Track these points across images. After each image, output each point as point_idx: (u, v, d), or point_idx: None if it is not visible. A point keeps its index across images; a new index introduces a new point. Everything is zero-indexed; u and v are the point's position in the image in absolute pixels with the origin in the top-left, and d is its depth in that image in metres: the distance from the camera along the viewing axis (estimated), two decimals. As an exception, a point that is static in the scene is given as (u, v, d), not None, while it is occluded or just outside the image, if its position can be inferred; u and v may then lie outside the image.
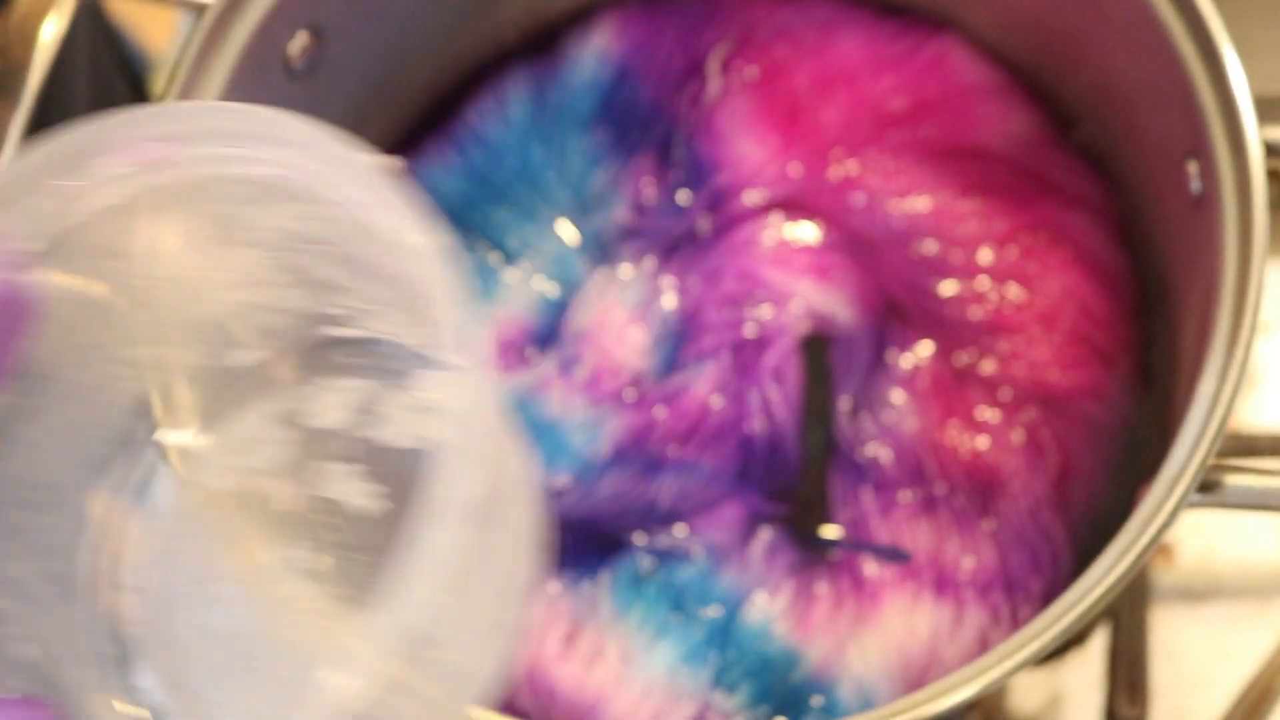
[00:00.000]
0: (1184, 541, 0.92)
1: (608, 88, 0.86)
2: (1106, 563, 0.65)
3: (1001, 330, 0.82)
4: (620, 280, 0.85)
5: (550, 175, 0.86)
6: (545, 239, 0.85)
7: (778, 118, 0.84)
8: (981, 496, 0.81)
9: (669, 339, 0.84)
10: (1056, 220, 0.83)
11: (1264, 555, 0.92)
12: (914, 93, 0.84)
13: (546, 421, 0.83)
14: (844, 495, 0.83)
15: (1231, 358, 0.67)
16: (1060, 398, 0.82)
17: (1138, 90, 0.77)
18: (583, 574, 0.82)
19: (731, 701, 0.79)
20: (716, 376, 0.83)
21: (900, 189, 0.84)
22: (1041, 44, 0.83)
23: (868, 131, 0.84)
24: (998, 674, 0.64)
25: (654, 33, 0.86)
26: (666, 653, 0.79)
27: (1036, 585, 0.80)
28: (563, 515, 0.84)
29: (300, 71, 0.78)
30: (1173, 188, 0.75)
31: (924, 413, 0.82)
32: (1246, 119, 0.69)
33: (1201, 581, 0.92)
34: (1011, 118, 0.85)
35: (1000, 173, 0.84)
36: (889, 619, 0.79)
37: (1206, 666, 0.90)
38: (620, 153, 0.86)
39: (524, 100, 0.86)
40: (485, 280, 0.85)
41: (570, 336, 0.84)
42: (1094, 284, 0.82)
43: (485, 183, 0.86)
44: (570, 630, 0.80)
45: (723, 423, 0.83)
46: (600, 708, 0.79)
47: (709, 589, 0.81)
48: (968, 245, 0.83)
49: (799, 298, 0.83)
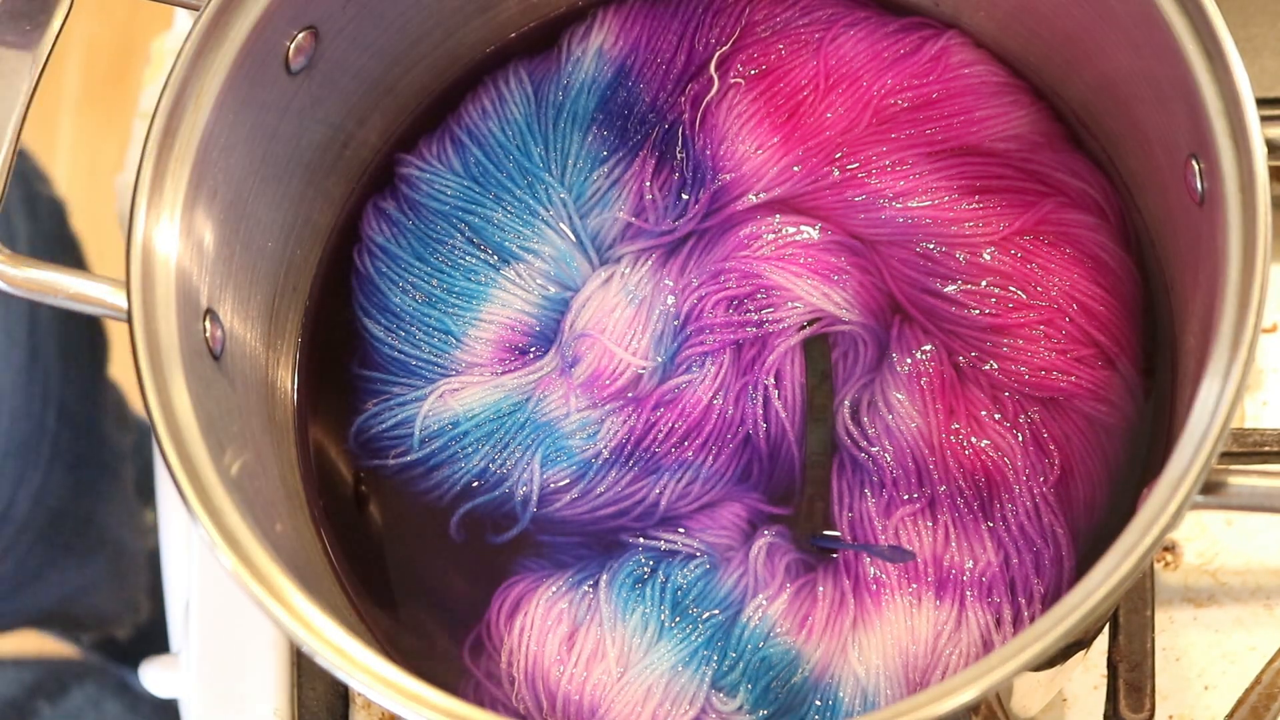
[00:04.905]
0: (1187, 543, 0.92)
1: (608, 87, 0.86)
2: (1109, 564, 0.65)
3: (1003, 330, 0.82)
4: (620, 280, 0.84)
5: (550, 175, 0.85)
6: (545, 239, 0.85)
7: (779, 117, 0.84)
8: (983, 497, 0.80)
9: (669, 339, 0.83)
10: (1059, 220, 0.83)
11: (1268, 557, 0.92)
12: (916, 92, 0.84)
13: (546, 421, 0.83)
14: (845, 496, 0.82)
15: (1235, 358, 0.66)
16: (1062, 398, 0.81)
17: (1141, 89, 0.76)
18: (583, 575, 0.82)
19: (732, 704, 0.79)
20: (717, 376, 0.83)
21: (902, 189, 0.83)
22: (1044, 43, 0.83)
23: (869, 131, 0.84)
24: (999, 676, 0.64)
25: (654, 32, 0.86)
26: (666, 654, 0.79)
27: (1039, 586, 0.79)
28: (563, 515, 0.83)
29: (298, 71, 0.78)
30: (1176, 187, 0.75)
31: (926, 413, 0.81)
32: (1250, 118, 0.69)
33: (1205, 583, 0.92)
34: (1014, 117, 0.84)
35: (1002, 172, 0.84)
36: (890, 620, 0.79)
37: (1210, 668, 0.90)
38: (620, 152, 0.86)
39: (523, 100, 0.86)
40: (485, 280, 0.85)
41: (570, 336, 0.84)
42: (1096, 284, 0.82)
43: (485, 183, 0.85)
44: (570, 631, 0.80)
45: (723, 423, 0.83)
46: (600, 709, 0.78)
47: (709, 590, 0.81)
48: (969, 245, 0.83)
49: (800, 298, 0.83)
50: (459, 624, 0.83)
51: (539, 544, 0.84)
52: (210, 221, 0.75)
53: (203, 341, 0.74)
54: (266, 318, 0.81)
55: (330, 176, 0.85)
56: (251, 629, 0.93)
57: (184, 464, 0.69)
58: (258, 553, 0.68)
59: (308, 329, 0.86)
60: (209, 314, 0.75)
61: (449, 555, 0.85)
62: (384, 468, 0.85)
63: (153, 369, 0.70)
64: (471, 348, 0.84)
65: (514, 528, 0.84)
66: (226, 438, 0.72)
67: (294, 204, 0.83)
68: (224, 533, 0.68)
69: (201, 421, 0.70)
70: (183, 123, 0.73)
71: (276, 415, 0.82)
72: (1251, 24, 0.96)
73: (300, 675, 0.91)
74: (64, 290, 0.73)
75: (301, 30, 0.77)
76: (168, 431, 0.69)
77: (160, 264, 0.72)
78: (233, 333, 0.77)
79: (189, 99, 0.73)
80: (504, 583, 0.82)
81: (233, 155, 0.76)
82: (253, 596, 0.67)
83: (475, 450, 0.83)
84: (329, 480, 0.86)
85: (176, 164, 0.73)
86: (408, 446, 0.84)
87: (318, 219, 0.85)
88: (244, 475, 0.73)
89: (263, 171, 0.79)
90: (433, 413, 0.83)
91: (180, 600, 0.97)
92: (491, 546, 0.84)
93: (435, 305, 0.84)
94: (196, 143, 0.73)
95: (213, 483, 0.69)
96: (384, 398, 0.85)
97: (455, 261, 0.85)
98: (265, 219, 0.80)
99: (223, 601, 0.95)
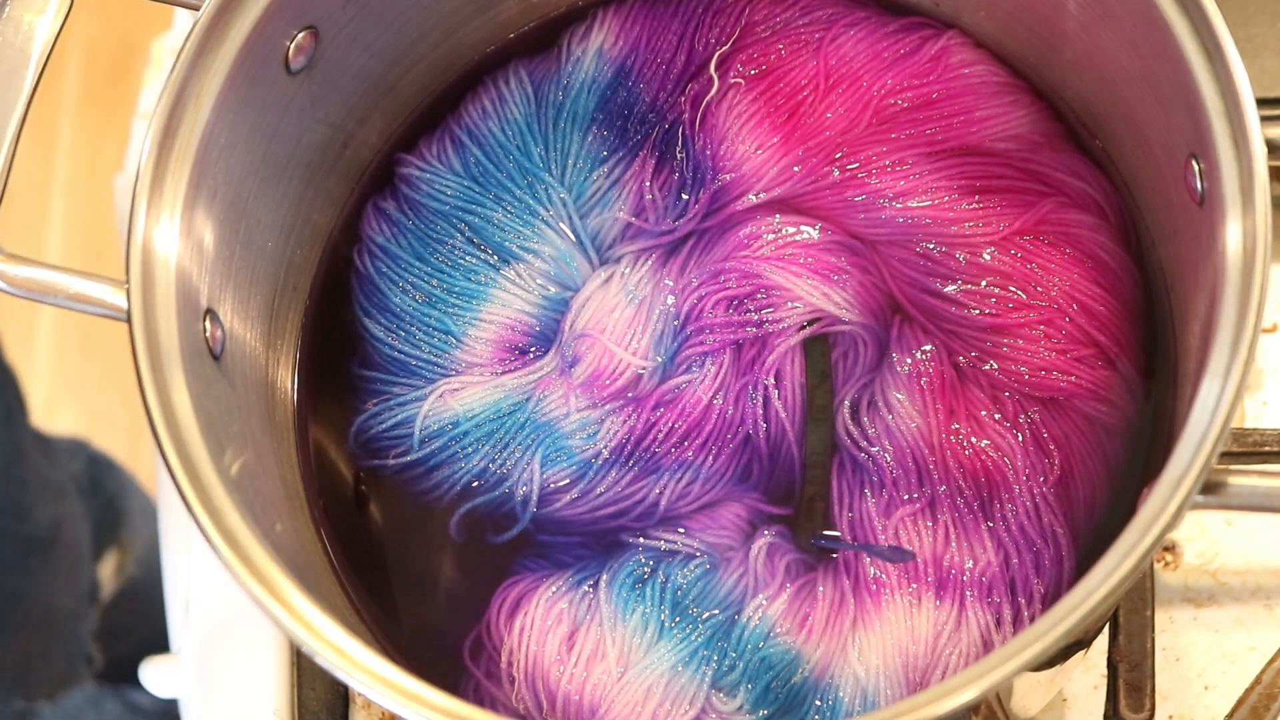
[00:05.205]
0: (1187, 543, 0.92)
1: (608, 87, 0.86)
2: (1110, 564, 0.65)
3: (1003, 330, 0.82)
4: (620, 280, 0.84)
5: (550, 175, 0.85)
6: (545, 239, 0.85)
7: (779, 117, 0.84)
8: (983, 497, 0.80)
9: (669, 339, 0.83)
10: (1059, 220, 0.83)
11: (1268, 557, 0.92)
12: (916, 92, 0.84)
13: (546, 421, 0.83)
14: (845, 496, 0.82)
15: (1235, 358, 0.66)
16: (1062, 398, 0.81)
17: (1141, 89, 0.76)
18: (583, 575, 0.82)
19: (732, 704, 0.79)
20: (717, 376, 0.83)
21: (902, 189, 0.83)
22: (1045, 43, 0.83)
23: (869, 131, 0.84)
24: (999, 676, 0.64)
25: (654, 32, 0.86)
26: (666, 654, 0.79)
27: (1039, 586, 0.79)
28: (563, 515, 0.83)
29: (298, 71, 0.78)
30: (1176, 187, 0.75)
31: (926, 413, 0.81)
32: (1250, 118, 0.69)
33: (1205, 583, 0.92)
34: (1014, 117, 0.84)
35: (1002, 172, 0.84)
36: (890, 620, 0.79)
37: (1210, 668, 0.90)
38: (620, 152, 0.86)
39: (523, 100, 0.86)
40: (485, 280, 0.85)
41: (570, 336, 0.84)
42: (1096, 284, 0.82)
43: (485, 183, 0.85)
44: (570, 631, 0.80)
45: (723, 423, 0.83)
46: (600, 709, 0.78)
47: (709, 590, 0.81)
48: (969, 245, 0.83)
49: (800, 298, 0.83)
50: (459, 624, 0.83)
51: (539, 544, 0.84)
52: (210, 221, 0.75)
53: (203, 341, 0.74)
54: (266, 318, 0.81)
55: (330, 176, 0.85)
56: (251, 629, 0.93)
57: (184, 464, 0.69)
58: (258, 553, 0.68)
59: (308, 329, 0.86)
60: (209, 314, 0.75)
61: (449, 555, 0.85)
62: (384, 468, 0.85)
63: (153, 369, 0.70)
64: (471, 348, 0.84)
65: (514, 528, 0.83)
66: (226, 438, 0.72)
67: (294, 204, 0.83)
68: (224, 533, 0.68)
69: (201, 421, 0.70)
70: (183, 123, 0.73)
71: (276, 415, 0.82)
72: (1251, 24, 0.96)
73: (300, 675, 0.91)
74: (64, 290, 0.73)
75: (301, 30, 0.77)
76: (168, 431, 0.69)
77: (160, 264, 0.72)
78: (233, 333, 0.77)
79: (189, 99, 0.73)
80: (504, 583, 0.82)
81: (233, 155, 0.76)
82: (253, 596, 0.67)
83: (475, 450, 0.83)
84: (329, 480, 0.86)
85: (176, 164, 0.73)
86: (408, 446, 0.84)
87: (318, 219, 0.85)
88: (244, 475, 0.73)
89: (263, 171, 0.79)
90: (433, 413, 0.83)
91: (180, 600, 0.97)
92: (491, 546, 0.84)
93: (435, 305, 0.84)
94: (196, 143, 0.73)
95: (213, 483, 0.69)
96: (384, 398, 0.85)
97: (455, 261, 0.85)
98: (265, 219, 0.80)
99: (223, 601, 0.95)
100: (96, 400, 1.92)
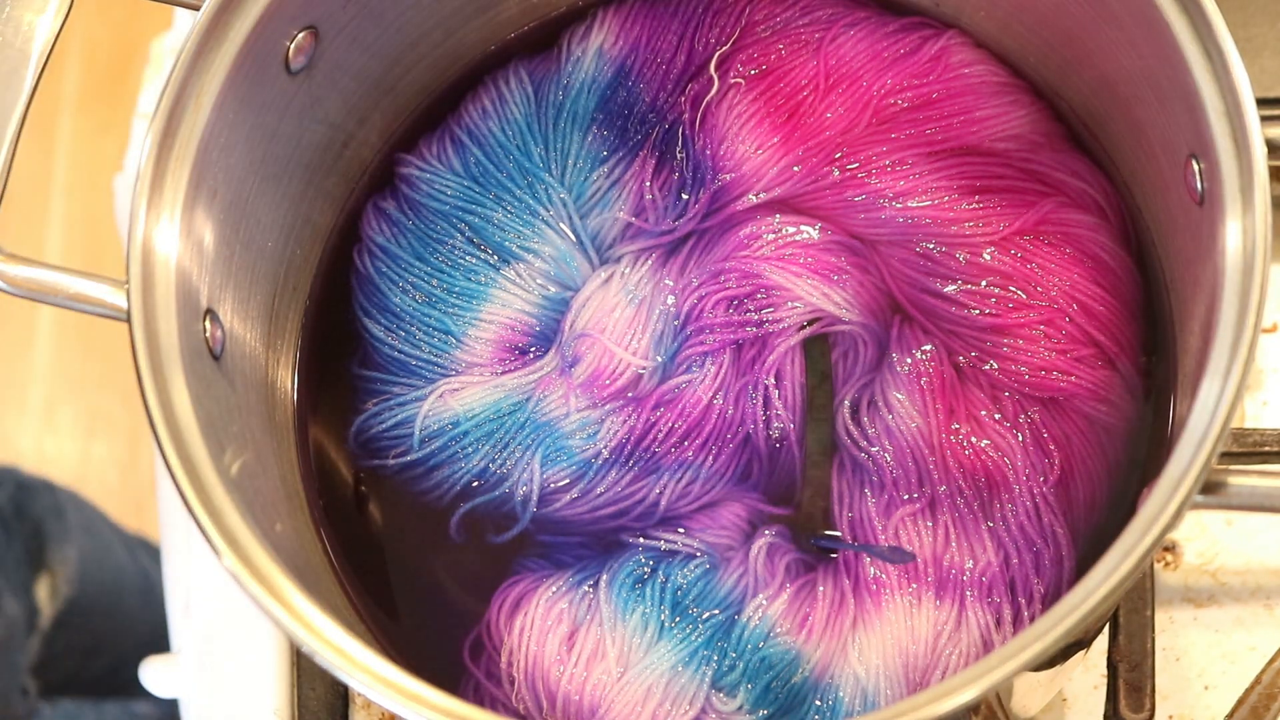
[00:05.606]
0: (1187, 543, 0.92)
1: (608, 87, 0.86)
2: (1110, 564, 0.65)
3: (1003, 330, 0.82)
4: (620, 280, 0.84)
5: (550, 175, 0.85)
6: (545, 239, 0.85)
7: (779, 117, 0.84)
8: (983, 497, 0.80)
9: (669, 339, 0.83)
10: (1059, 220, 0.83)
11: (1268, 557, 0.92)
12: (916, 92, 0.84)
13: (546, 421, 0.83)
14: (845, 496, 0.82)
15: (1235, 358, 0.66)
16: (1063, 398, 0.81)
17: (1141, 89, 0.76)
18: (583, 575, 0.82)
19: (732, 704, 0.79)
20: (717, 376, 0.83)
21: (902, 189, 0.83)
22: (1045, 43, 0.83)
23: (869, 131, 0.84)
24: (999, 676, 0.64)
25: (654, 32, 0.86)
26: (666, 654, 0.79)
27: (1039, 586, 0.79)
28: (563, 515, 0.83)
29: (298, 71, 0.78)
30: (1176, 187, 0.75)
31: (926, 413, 0.81)
32: (1250, 118, 0.69)
33: (1205, 583, 0.92)
34: (1014, 117, 0.84)
35: (1002, 172, 0.84)
36: (890, 620, 0.79)
37: (1210, 668, 0.90)
38: (620, 152, 0.86)
39: (523, 100, 0.86)
40: (485, 280, 0.85)
41: (570, 336, 0.84)
42: (1096, 284, 0.82)
43: (485, 182, 0.85)
44: (570, 631, 0.80)
45: (723, 423, 0.83)
46: (600, 709, 0.78)
47: (709, 590, 0.81)
48: (969, 245, 0.83)
49: (800, 298, 0.83)
50: (459, 624, 0.83)
51: (539, 544, 0.84)
52: (210, 221, 0.75)
53: (203, 341, 0.74)
54: (266, 318, 0.81)
55: (330, 176, 0.85)
56: (251, 629, 0.93)
57: (184, 464, 0.69)
58: (258, 553, 0.68)
59: (308, 329, 0.86)
60: (209, 314, 0.75)
61: (449, 555, 0.85)
62: (384, 468, 0.85)
63: (153, 369, 0.70)
64: (471, 348, 0.84)
65: (514, 528, 0.84)
66: (226, 438, 0.72)
67: (294, 204, 0.83)
68: (224, 533, 0.68)
69: (201, 421, 0.70)
70: (183, 123, 0.73)
71: (276, 415, 0.82)
72: (1251, 24, 0.96)
73: (300, 675, 0.91)
74: (64, 291, 0.73)
75: (301, 30, 0.77)
76: (168, 431, 0.69)
77: (160, 264, 0.72)
78: (233, 333, 0.77)
79: (189, 99, 0.73)
80: (504, 583, 0.82)
81: (233, 155, 0.76)
82: (253, 596, 0.67)
83: (475, 450, 0.83)
84: (329, 480, 0.86)
85: (176, 164, 0.73)
86: (408, 446, 0.84)
87: (318, 219, 0.85)
88: (244, 475, 0.73)
89: (263, 171, 0.79)
90: (433, 413, 0.83)
91: (180, 600, 0.97)
92: (491, 546, 0.84)
93: (435, 305, 0.84)
94: (196, 143, 0.73)
95: (213, 483, 0.69)
96: (384, 398, 0.85)
97: (455, 261, 0.85)
98: (265, 219, 0.80)
99: (223, 601, 0.95)
100: (96, 400, 1.92)
